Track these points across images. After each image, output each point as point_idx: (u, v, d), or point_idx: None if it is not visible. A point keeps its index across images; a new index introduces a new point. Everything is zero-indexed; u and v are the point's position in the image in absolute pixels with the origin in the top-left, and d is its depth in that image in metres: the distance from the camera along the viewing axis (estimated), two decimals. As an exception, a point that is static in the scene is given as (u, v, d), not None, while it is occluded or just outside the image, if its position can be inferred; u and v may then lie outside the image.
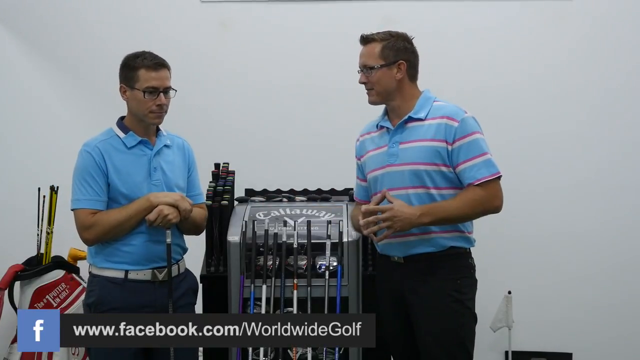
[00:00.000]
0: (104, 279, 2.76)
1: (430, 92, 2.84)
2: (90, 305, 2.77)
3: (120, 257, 2.76)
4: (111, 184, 2.74)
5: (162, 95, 2.76)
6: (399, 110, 2.81)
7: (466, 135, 2.69)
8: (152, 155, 2.81)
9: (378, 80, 2.77)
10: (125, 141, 2.79)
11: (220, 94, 4.36)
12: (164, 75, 2.78)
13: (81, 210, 2.73)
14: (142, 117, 2.78)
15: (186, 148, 2.97)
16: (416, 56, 2.83)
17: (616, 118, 4.25)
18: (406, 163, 2.74)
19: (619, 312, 4.22)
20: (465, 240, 2.78)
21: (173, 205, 2.73)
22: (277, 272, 3.01)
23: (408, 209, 2.66)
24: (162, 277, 2.79)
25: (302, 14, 4.34)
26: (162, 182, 2.81)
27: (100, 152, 2.74)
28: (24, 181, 4.08)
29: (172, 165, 2.87)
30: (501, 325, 4.01)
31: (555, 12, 4.25)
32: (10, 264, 3.89)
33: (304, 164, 4.21)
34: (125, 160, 2.77)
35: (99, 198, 2.73)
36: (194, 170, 2.98)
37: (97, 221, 2.70)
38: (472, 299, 2.79)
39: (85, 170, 2.73)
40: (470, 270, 2.80)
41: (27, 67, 4.33)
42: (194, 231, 2.96)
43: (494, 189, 2.70)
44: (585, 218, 4.25)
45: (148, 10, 4.36)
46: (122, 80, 2.80)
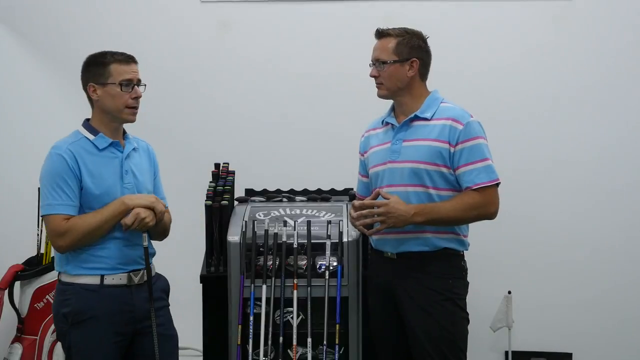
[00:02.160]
0: (79, 287, 2.65)
1: (439, 92, 2.85)
2: (67, 315, 2.66)
3: (95, 262, 2.67)
4: (84, 187, 2.65)
5: (137, 87, 2.72)
6: (406, 107, 2.81)
7: (469, 139, 2.70)
8: (123, 157, 2.74)
9: (389, 75, 2.77)
10: (95, 143, 2.71)
11: (220, 93, 4.36)
12: (135, 68, 2.74)
13: (54, 216, 2.61)
14: (116, 113, 2.71)
15: (151, 152, 2.90)
16: (429, 56, 2.84)
17: (616, 118, 4.25)
18: (407, 161, 2.75)
19: (619, 312, 4.22)
20: (459, 243, 2.79)
21: (149, 207, 2.68)
22: (277, 272, 3.01)
23: (403, 206, 2.68)
24: (137, 280, 2.72)
25: (302, 14, 4.34)
26: (133, 185, 2.74)
27: (73, 155, 2.65)
28: (24, 181, 4.07)
29: (141, 168, 2.81)
30: (501, 325, 4.00)
31: (555, 12, 4.25)
32: (10, 264, 3.89)
33: (304, 164, 4.21)
34: (97, 162, 2.69)
35: (72, 203, 2.62)
36: (158, 175, 2.92)
37: (72, 227, 2.60)
38: (464, 299, 2.80)
39: (57, 174, 2.63)
40: (462, 272, 2.81)
41: (27, 67, 4.33)
42: (162, 235, 2.88)
43: (490, 196, 2.71)
44: (585, 218, 4.25)
45: (148, 10, 4.36)
46: (89, 79, 2.74)
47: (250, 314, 2.99)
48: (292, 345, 2.98)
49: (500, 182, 2.72)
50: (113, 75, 2.70)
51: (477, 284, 2.87)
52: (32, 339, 3.84)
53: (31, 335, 3.85)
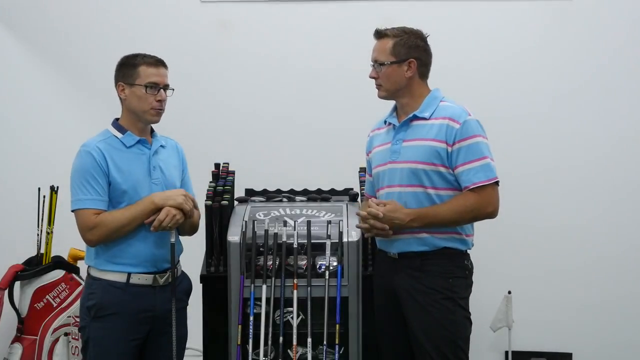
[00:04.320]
0: (106, 283, 2.75)
1: (439, 91, 2.83)
2: (90, 308, 2.76)
3: (124, 258, 2.75)
4: (112, 182, 2.73)
5: (162, 91, 2.79)
6: (406, 107, 2.81)
7: (467, 138, 2.68)
8: (150, 154, 2.83)
9: (387, 76, 2.77)
10: (123, 140, 2.79)
11: (220, 94, 4.36)
12: (164, 72, 2.81)
13: (84, 211, 2.71)
14: (141, 114, 2.79)
15: (179, 150, 2.99)
16: (429, 54, 2.81)
17: (616, 118, 4.25)
18: (405, 161, 2.74)
19: (619, 312, 4.22)
20: (460, 242, 2.76)
21: (178, 207, 2.74)
22: (277, 272, 3.01)
23: (399, 212, 2.68)
24: (162, 282, 2.80)
25: (302, 14, 4.34)
26: (161, 181, 2.82)
27: (101, 151, 2.73)
28: (24, 181, 4.08)
29: (169, 165, 2.88)
30: (501, 325, 4.00)
31: (555, 12, 4.25)
32: (10, 264, 3.89)
33: (304, 164, 4.22)
34: (125, 158, 2.77)
35: (101, 198, 2.71)
36: (187, 172, 3.01)
37: (101, 222, 2.69)
38: (466, 299, 2.78)
39: (86, 170, 2.71)
40: (465, 271, 2.79)
41: (27, 67, 4.33)
42: (190, 232, 2.97)
43: (488, 195, 2.68)
44: (585, 218, 4.25)
45: (148, 10, 4.37)
46: (120, 78, 2.81)
47: (250, 314, 2.98)
48: (292, 345, 2.97)
49: (498, 181, 2.70)
50: (141, 76, 2.77)
51: (477, 284, 2.86)
52: (32, 339, 3.85)
53: (31, 335, 3.85)
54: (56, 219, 3.91)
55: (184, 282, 2.95)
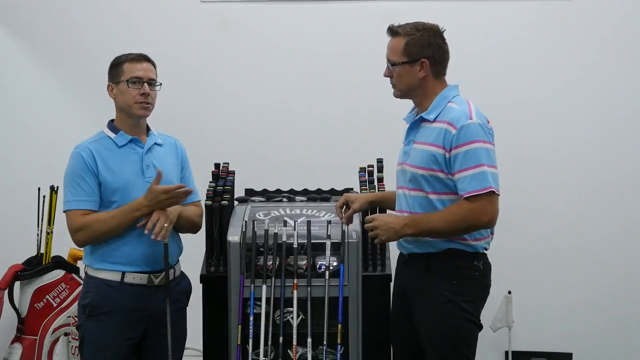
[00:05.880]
0: (100, 281, 2.76)
1: (453, 89, 2.71)
2: (85, 306, 2.77)
3: (118, 257, 2.76)
4: (103, 182, 2.74)
5: (146, 85, 2.79)
6: (420, 106, 2.73)
7: (463, 144, 2.56)
8: (143, 153, 2.83)
9: (400, 76, 2.68)
10: (115, 140, 2.81)
11: (220, 93, 4.36)
12: (147, 67, 2.83)
13: (72, 212, 2.74)
14: (127, 109, 2.80)
15: (179, 147, 3.00)
16: (443, 51, 2.69)
17: (616, 118, 4.25)
18: (409, 164, 2.70)
19: (619, 312, 4.22)
20: (465, 246, 2.67)
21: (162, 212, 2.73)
22: (277, 272, 3.01)
23: (392, 218, 2.68)
24: (158, 282, 2.80)
25: (302, 13, 4.34)
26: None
27: (91, 152, 2.76)
28: (24, 181, 4.08)
29: (164, 162, 2.87)
30: (501, 325, 4.00)
31: (555, 12, 4.25)
32: (10, 264, 3.89)
33: (304, 164, 4.21)
34: (116, 157, 2.79)
35: (88, 198, 2.73)
36: (188, 169, 3.01)
37: (87, 225, 2.71)
38: (472, 301, 2.69)
39: (74, 171, 2.75)
40: (475, 272, 2.68)
41: (27, 68, 4.33)
42: (191, 229, 2.97)
43: (482, 205, 2.55)
44: (585, 218, 4.25)
45: (148, 10, 4.37)
46: (109, 79, 2.85)
47: (250, 314, 2.98)
48: (292, 345, 2.97)
49: (493, 190, 2.55)
50: (125, 73, 2.80)
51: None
52: (32, 339, 3.85)
53: (31, 335, 3.86)
54: (56, 219, 3.91)
55: (183, 283, 2.95)
